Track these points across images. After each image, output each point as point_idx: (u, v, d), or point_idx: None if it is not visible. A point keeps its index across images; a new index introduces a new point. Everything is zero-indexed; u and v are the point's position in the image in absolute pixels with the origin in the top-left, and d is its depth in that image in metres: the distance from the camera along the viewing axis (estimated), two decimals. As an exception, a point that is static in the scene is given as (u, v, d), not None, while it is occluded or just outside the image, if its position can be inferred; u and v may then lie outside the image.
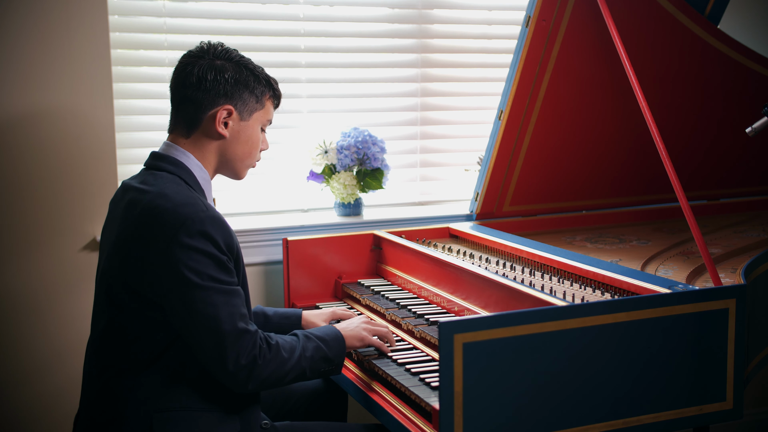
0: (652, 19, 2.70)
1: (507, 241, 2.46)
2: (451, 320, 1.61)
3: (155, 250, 1.72)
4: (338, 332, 1.96)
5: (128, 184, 1.89)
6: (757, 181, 3.21)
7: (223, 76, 1.88)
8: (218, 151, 1.92)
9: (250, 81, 1.92)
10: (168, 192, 1.78)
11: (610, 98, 2.78)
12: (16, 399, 2.66)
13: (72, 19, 2.57)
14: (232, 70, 1.90)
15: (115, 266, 1.79)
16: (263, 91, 1.96)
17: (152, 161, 1.91)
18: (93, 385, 1.84)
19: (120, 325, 1.79)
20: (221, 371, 1.74)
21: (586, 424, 1.75)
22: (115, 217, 1.86)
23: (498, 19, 3.28)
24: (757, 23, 3.50)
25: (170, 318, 1.76)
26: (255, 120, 1.95)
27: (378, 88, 3.15)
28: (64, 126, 2.61)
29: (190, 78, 1.88)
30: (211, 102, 1.88)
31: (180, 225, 1.72)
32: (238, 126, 1.92)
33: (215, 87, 1.88)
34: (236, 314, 1.74)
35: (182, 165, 1.87)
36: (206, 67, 1.88)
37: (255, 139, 1.96)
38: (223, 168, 1.97)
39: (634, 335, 1.78)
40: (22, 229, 2.60)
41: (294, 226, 2.87)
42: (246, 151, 1.95)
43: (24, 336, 2.64)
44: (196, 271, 1.71)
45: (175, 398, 1.78)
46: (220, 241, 1.75)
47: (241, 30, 2.92)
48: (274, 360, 1.78)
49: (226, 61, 1.91)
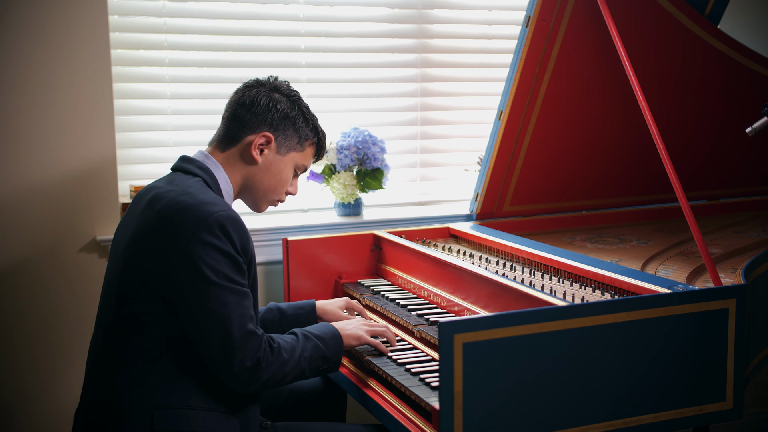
0: (652, 19, 2.70)
1: (507, 241, 2.46)
2: (451, 320, 1.61)
3: (175, 244, 1.74)
4: (336, 331, 1.97)
5: (153, 184, 1.94)
6: (757, 181, 3.21)
7: (275, 106, 1.97)
8: (246, 175, 1.98)
9: (299, 121, 2.00)
10: (192, 191, 1.82)
11: (610, 98, 2.78)
12: (16, 397, 2.66)
13: (72, 19, 2.57)
14: (286, 104, 1.99)
15: (132, 258, 1.80)
16: (308, 135, 2.03)
17: (181, 163, 1.96)
18: (95, 379, 1.84)
19: (127, 320, 1.80)
20: (225, 372, 1.75)
21: (586, 424, 1.75)
22: (136, 210, 1.89)
23: (498, 19, 3.28)
24: (757, 23, 3.50)
25: (181, 313, 1.77)
26: (290, 159, 2.01)
27: (378, 88, 3.15)
28: (64, 126, 2.61)
29: (246, 98, 1.98)
30: (256, 126, 1.95)
31: (202, 221, 1.74)
32: (273, 157, 1.98)
33: (264, 113, 1.96)
34: (246, 316, 1.76)
35: (210, 172, 1.93)
36: (264, 93, 1.98)
37: (285, 176, 2.01)
38: (245, 194, 2.02)
39: (634, 335, 1.78)
40: (22, 229, 2.60)
41: (294, 226, 2.87)
42: (272, 185, 2.00)
43: (24, 336, 2.64)
44: (213, 268, 1.73)
45: (177, 396, 1.78)
46: (237, 242, 1.78)
47: (241, 30, 2.92)
48: (275, 362, 1.80)
49: (284, 96, 2.00)
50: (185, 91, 2.88)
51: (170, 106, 2.87)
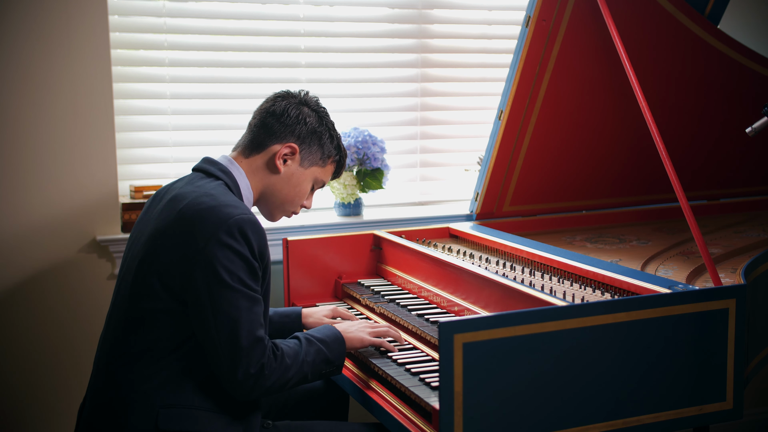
0: (652, 19, 2.70)
1: (507, 241, 2.46)
2: (451, 320, 1.61)
3: (194, 243, 1.75)
4: (339, 333, 1.97)
5: (173, 184, 1.95)
6: (757, 181, 3.21)
7: (304, 120, 2.00)
8: (267, 183, 2.00)
9: (324, 137, 2.03)
10: (214, 193, 1.84)
11: (610, 98, 2.78)
12: (17, 395, 2.66)
13: (72, 19, 2.57)
14: (315, 119, 2.02)
15: (150, 255, 1.81)
16: (331, 152, 2.06)
17: (203, 164, 1.97)
18: (103, 375, 1.85)
19: (139, 317, 1.81)
20: (230, 377, 1.75)
21: (586, 424, 1.75)
22: (155, 209, 1.90)
23: (498, 19, 3.28)
24: (757, 23, 3.50)
25: (192, 313, 1.77)
26: (311, 173, 2.04)
27: (378, 88, 3.15)
28: (64, 126, 2.61)
29: (277, 108, 2.01)
30: (283, 136, 1.99)
31: (222, 223, 1.75)
32: (295, 169, 2.01)
33: (293, 125, 1.99)
34: (256, 322, 1.76)
35: (232, 176, 1.95)
36: (294, 106, 2.01)
37: (304, 189, 2.05)
38: (262, 202, 2.04)
39: (634, 335, 1.78)
40: (22, 229, 2.60)
41: (294, 226, 2.87)
42: (290, 196, 2.03)
43: (24, 335, 2.65)
44: (229, 270, 1.74)
45: (183, 396, 1.78)
46: (255, 247, 1.79)
47: (241, 30, 2.92)
48: (278, 369, 1.80)
49: (313, 110, 2.03)
50: (185, 91, 2.89)
51: (170, 106, 2.87)
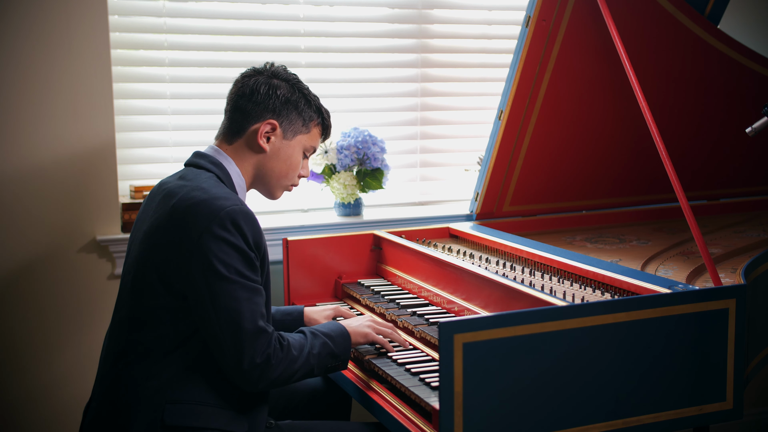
0: (652, 19, 2.70)
1: (507, 241, 2.46)
2: (451, 320, 1.61)
3: (188, 238, 1.75)
4: (344, 328, 1.97)
5: (166, 180, 1.95)
6: (757, 181, 3.21)
7: (275, 93, 1.96)
8: (256, 164, 1.98)
9: (300, 103, 1.99)
10: (205, 186, 1.83)
11: (610, 98, 2.78)
12: (18, 396, 2.66)
13: (72, 19, 2.57)
14: (286, 89, 1.98)
15: (147, 253, 1.81)
16: (311, 116, 2.02)
17: (193, 159, 1.97)
18: (108, 372, 1.85)
19: (142, 315, 1.81)
20: (235, 368, 1.75)
21: (586, 424, 1.75)
22: (150, 207, 1.90)
23: (498, 19, 3.28)
24: (757, 23, 3.50)
25: (193, 308, 1.77)
26: (298, 142, 2.01)
27: (378, 88, 3.15)
28: (64, 126, 2.61)
29: (245, 89, 1.97)
30: (259, 115, 1.95)
31: (214, 216, 1.75)
32: (280, 143, 1.98)
33: (265, 101, 1.95)
34: (257, 312, 1.76)
35: (222, 167, 1.94)
36: (262, 81, 1.97)
37: (295, 160, 2.02)
38: (258, 183, 2.02)
39: (634, 335, 1.78)
40: (22, 229, 2.60)
41: (294, 226, 2.87)
42: (283, 170, 2.00)
43: (24, 335, 2.64)
44: (224, 263, 1.74)
45: (189, 391, 1.78)
46: (249, 237, 1.78)
47: (241, 30, 2.92)
48: (285, 359, 1.80)
49: (282, 81, 1.99)
50: (185, 91, 2.89)
51: (170, 106, 2.87)
